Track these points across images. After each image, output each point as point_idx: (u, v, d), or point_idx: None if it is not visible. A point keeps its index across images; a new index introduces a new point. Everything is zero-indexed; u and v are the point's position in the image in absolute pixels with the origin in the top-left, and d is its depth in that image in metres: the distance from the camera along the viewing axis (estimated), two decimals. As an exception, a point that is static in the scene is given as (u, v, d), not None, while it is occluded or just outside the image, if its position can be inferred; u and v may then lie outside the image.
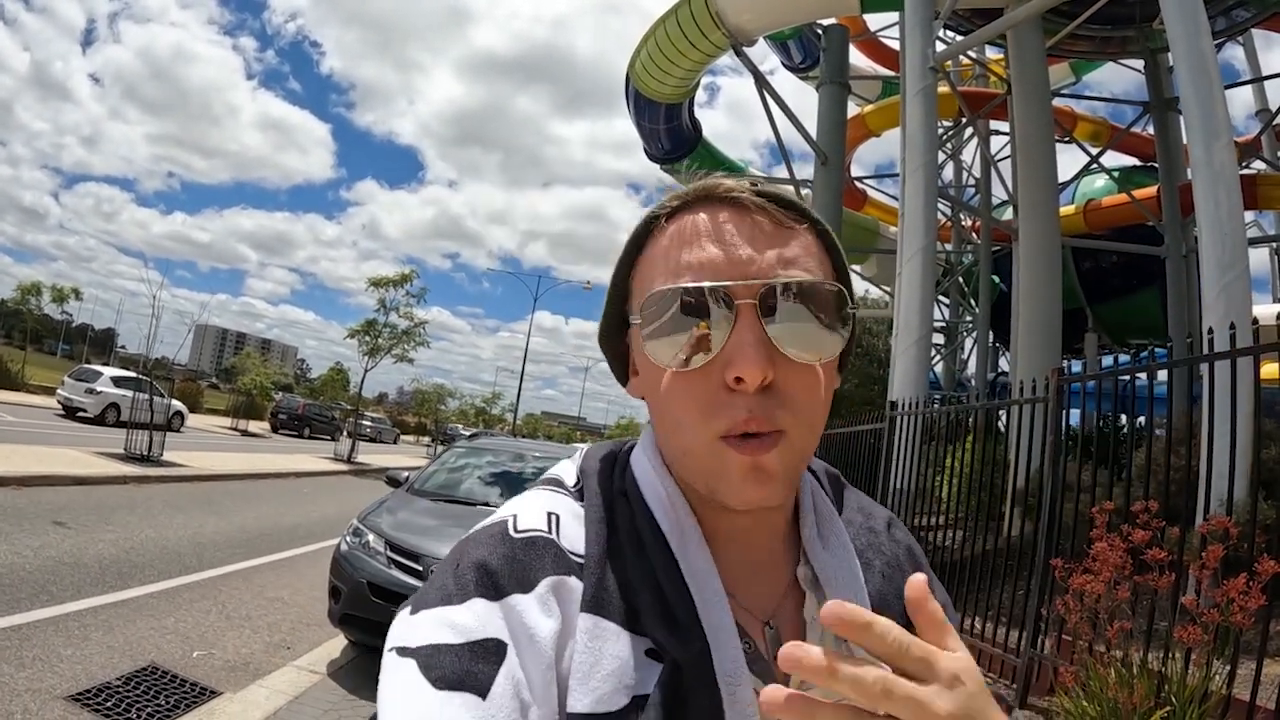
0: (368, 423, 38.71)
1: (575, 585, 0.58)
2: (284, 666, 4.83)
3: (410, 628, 0.55)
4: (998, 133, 16.40)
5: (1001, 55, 13.78)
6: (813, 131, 14.29)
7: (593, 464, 0.69)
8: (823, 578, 0.65)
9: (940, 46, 10.08)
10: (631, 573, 0.60)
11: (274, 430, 32.70)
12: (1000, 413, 6.99)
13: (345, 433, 27.08)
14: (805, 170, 15.13)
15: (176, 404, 20.30)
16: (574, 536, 0.61)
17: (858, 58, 18.66)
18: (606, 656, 0.55)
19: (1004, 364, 19.74)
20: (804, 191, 13.60)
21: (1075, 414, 5.44)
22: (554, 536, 0.60)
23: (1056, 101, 14.65)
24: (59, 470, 10.25)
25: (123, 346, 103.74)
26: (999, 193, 16.01)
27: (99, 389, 20.07)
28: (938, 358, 18.89)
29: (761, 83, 13.93)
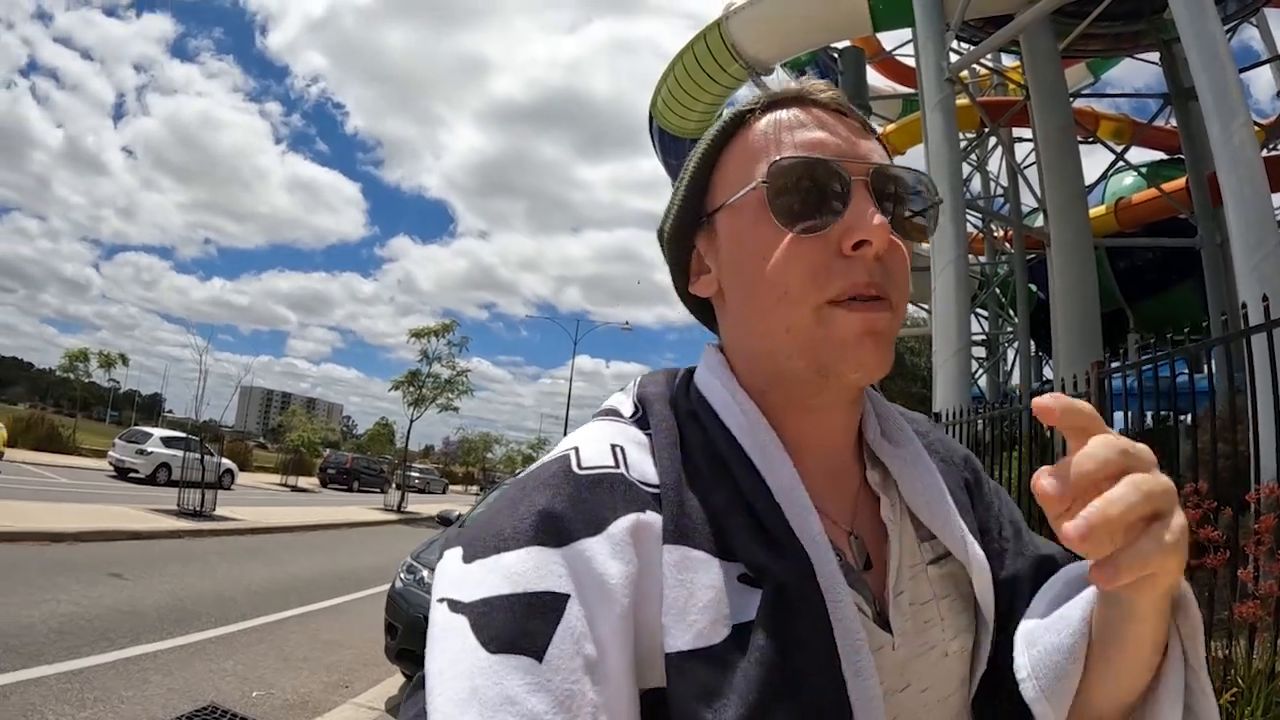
0: (415, 474, 39.17)
1: (652, 520, 0.55)
2: (342, 704, 4.90)
3: (462, 577, 0.52)
4: (1021, 140, 16.29)
5: (1017, 62, 13.75)
6: (835, 154, 14.32)
7: (654, 389, 0.66)
8: (896, 472, 0.66)
9: (954, 58, 10.12)
10: (714, 496, 0.57)
11: (323, 485, 33.19)
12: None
13: (394, 484, 27.36)
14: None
15: (227, 462, 20.67)
16: (643, 467, 0.58)
17: (876, 78, 18.79)
18: (700, 588, 0.52)
19: (1049, 373, 19.38)
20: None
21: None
22: (623, 471, 0.57)
23: (1078, 102, 14.56)
24: (113, 526, 10.48)
25: (170, 410, 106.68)
26: (1029, 200, 15.87)
27: (150, 449, 20.46)
28: (980, 370, 18.60)
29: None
